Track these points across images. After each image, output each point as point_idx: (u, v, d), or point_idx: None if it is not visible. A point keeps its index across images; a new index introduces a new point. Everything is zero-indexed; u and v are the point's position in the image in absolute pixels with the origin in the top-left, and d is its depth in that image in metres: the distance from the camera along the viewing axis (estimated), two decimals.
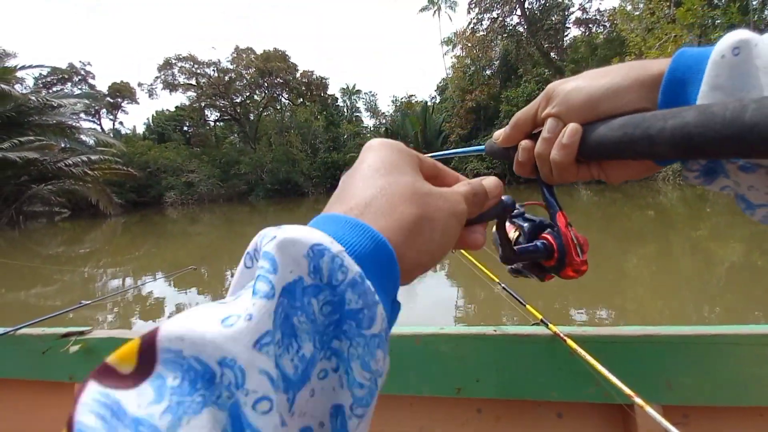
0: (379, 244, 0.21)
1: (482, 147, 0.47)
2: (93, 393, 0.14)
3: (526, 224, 0.40)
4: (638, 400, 0.59)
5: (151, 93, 31.79)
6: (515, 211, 0.41)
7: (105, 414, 0.13)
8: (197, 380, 0.15)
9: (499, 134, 0.42)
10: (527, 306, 0.98)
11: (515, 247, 0.38)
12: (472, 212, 0.29)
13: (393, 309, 0.23)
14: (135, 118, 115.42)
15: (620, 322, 3.66)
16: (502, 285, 1.30)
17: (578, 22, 22.19)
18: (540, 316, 0.80)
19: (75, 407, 0.13)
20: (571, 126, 0.33)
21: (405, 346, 0.69)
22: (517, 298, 1.17)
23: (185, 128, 36.20)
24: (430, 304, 4.24)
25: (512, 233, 0.42)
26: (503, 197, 0.35)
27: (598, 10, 22.62)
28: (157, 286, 5.84)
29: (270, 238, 0.19)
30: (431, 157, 0.32)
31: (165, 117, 36.45)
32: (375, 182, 0.25)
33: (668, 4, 15.06)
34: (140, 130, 38.60)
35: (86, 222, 19.66)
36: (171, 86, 30.80)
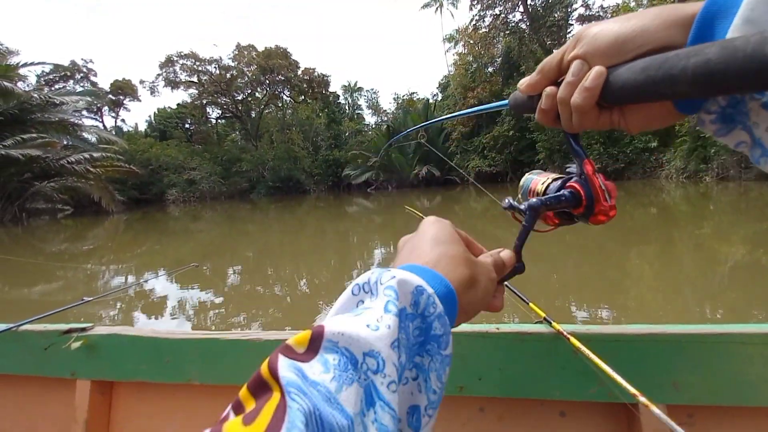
0: (451, 291, 0.29)
1: (506, 102, 0.46)
2: (283, 360, 0.21)
3: (553, 174, 0.42)
4: (643, 399, 0.58)
5: (152, 90, 31.84)
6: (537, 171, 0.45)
7: (296, 377, 0.20)
8: (348, 362, 0.22)
9: (523, 81, 0.40)
10: (530, 304, 0.98)
11: (539, 199, 0.39)
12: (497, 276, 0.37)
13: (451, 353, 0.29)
14: (137, 115, 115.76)
15: (623, 320, 3.65)
16: (505, 283, 1.30)
17: (581, 19, 22.03)
18: (543, 314, 0.79)
19: (276, 364, 0.20)
20: (596, 68, 0.32)
21: None
22: (519, 296, 1.16)
23: (187, 126, 36.24)
24: None
25: (540, 185, 0.42)
26: (515, 264, 0.41)
27: (601, 6, 22.50)
28: (159, 283, 5.86)
29: (391, 276, 0.26)
30: (455, 116, 0.41)
31: (167, 114, 36.48)
32: (439, 248, 0.33)
33: (672, 0, 14.94)
34: (142, 127, 38.69)
35: (89, 219, 19.72)
36: (173, 83, 30.81)
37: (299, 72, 32.19)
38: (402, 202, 18.25)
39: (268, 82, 32.04)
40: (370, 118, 43.20)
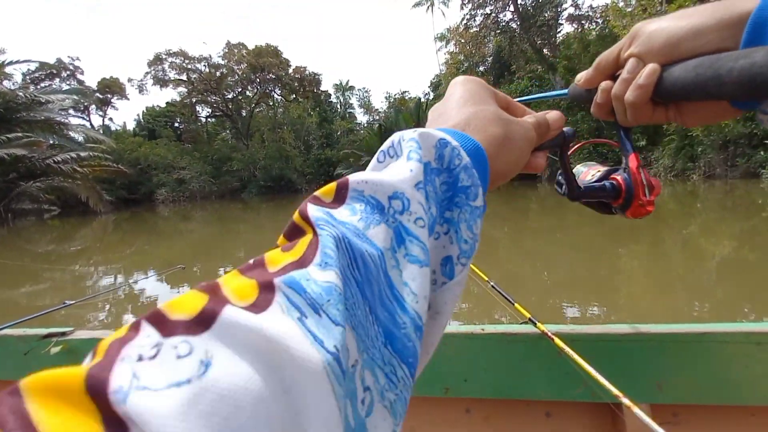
0: (479, 149, 0.28)
1: (566, 91, 0.47)
2: (312, 206, 0.22)
3: (603, 167, 0.43)
4: (625, 400, 0.58)
5: (141, 89, 31.37)
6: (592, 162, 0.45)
7: (325, 215, 0.21)
8: (374, 209, 0.23)
9: (581, 76, 0.41)
10: (516, 305, 0.98)
11: (582, 185, 0.40)
12: (537, 138, 0.35)
13: (484, 205, 0.28)
14: (125, 114, 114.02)
15: (612, 318, 3.69)
16: (492, 284, 1.30)
17: (571, 18, 22.23)
18: (528, 315, 0.79)
19: (306, 209, 0.22)
20: (650, 66, 0.33)
21: None
22: (506, 296, 1.16)
23: (176, 124, 35.81)
24: None
25: (588, 177, 0.44)
26: (564, 129, 0.39)
27: (591, 6, 22.74)
28: (149, 284, 5.78)
29: (412, 130, 0.27)
30: (517, 101, 0.38)
31: (155, 113, 36.01)
32: (468, 109, 0.32)
33: (660, 0, 15.15)
34: (130, 126, 38.13)
35: (76, 220, 19.39)
36: (161, 82, 30.41)
37: (290, 70, 32.01)
38: None
39: (258, 80, 31.80)
40: (362, 117, 43.16)
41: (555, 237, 6.78)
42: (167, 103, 35.21)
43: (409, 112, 28.80)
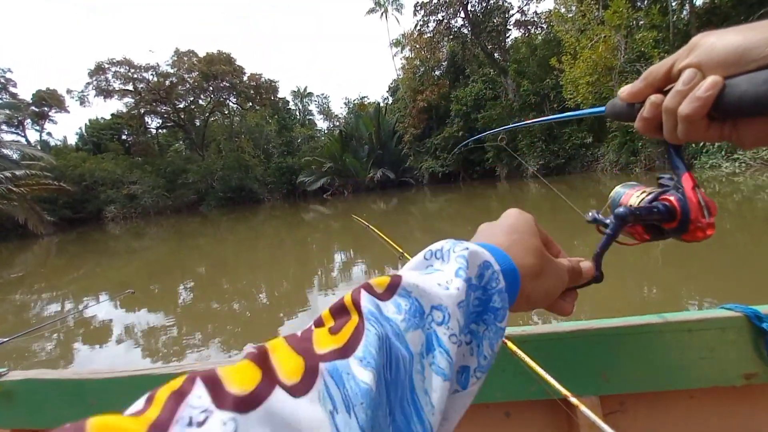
0: (515, 273, 0.31)
1: (602, 108, 0.45)
2: (365, 294, 0.25)
3: (645, 189, 0.40)
4: (572, 398, 0.63)
5: (82, 100, 29.32)
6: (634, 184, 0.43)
7: (374, 309, 0.24)
8: (416, 312, 0.25)
9: (625, 89, 0.39)
10: None
11: (633, 208, 0.38)
12: (568, 282, 0.37)
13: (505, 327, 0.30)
14: (66, 128, 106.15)
15: (577, 313, 3.87)
16: None
17: (518, 24, 23.30)
18: None
19: (359, 296, 0.24)
20: (712, 78, 0.30)
21: None
22: None
23: (124, 137, 33.80)
24: None
25: (634, 198, 0.41)
26: (594, 274, 0.40)
27: (536, 12, 23.90)
28: (102, 310, 5.40)
29: (464, 247, 0.29)
30: (551, 120, 0.44)
31: (100, 126, 33.85)
32: (513, 235, 0.34)
33: (597, 6, 16.23)
34: (72, 140, 35.57)
35: (14, 244, 17.79)
36: (105, 92, 28.64)
37: (245, 78, 31.21)
38: (359, 207, 18.23)
39: (212, 88, 30.75)
40: (322, 124, 42.84)
41: None
42: (113, 114, 33.18)
43: (369, 117, 28.94)
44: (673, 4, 14.63)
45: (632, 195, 0.41)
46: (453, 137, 23.07)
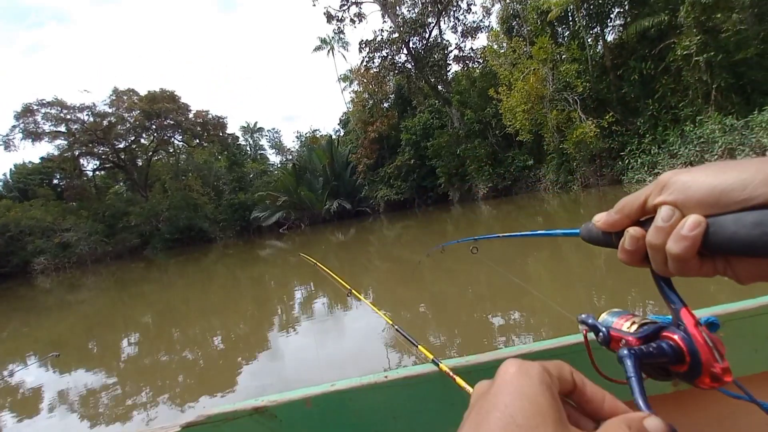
0: None
1: (577, 230, 0.44)
2: None
3: (639, 319, 0.36)
4: None
5: (7, 145, 26.92)
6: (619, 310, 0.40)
7: None
8: None
9: (600, 217, 0.39)
10: (419, 347, 1.02)
11: (642, 350, 0.33)
12: None
13: None
14: None
15: (531, 321, 4.02)
16: (396, 327, 1.36)
17: (457, 59, 24.97)
18: (431, 356, 0.81)
19: None
20: (694, 217, 0.30)
21: (296, 411, 0.63)
22: (410, 339, 1.21)
23: (56, 181, 31.24)
24: (334, 353, 4.18)
25: (628, 325, 0.37)
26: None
27: (472, 48, 25.74)
28: (28, 374, 4.79)
29: None
30: (524, 235, 0.32)
31: (27, 170, 31.14)
32: None
33: (525, 43, 17.88)
34: None
35: None
36: (34, 135, 26.57)
37: (191, 115, 30.41)
38: (316, 239, 17.97)
39: (155, 126, 29.56)
40: (274, 158, 42.43)
41: (471, 256, 7.26)
42: (42, 158, 30.66)
43: (322, 149, 29.12)
44: (589, 40, 16.46)
45: (621, 324, 0.38)
46: (405, 165, 23.76)
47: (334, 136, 33.06)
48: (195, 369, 4.35)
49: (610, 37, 16.83)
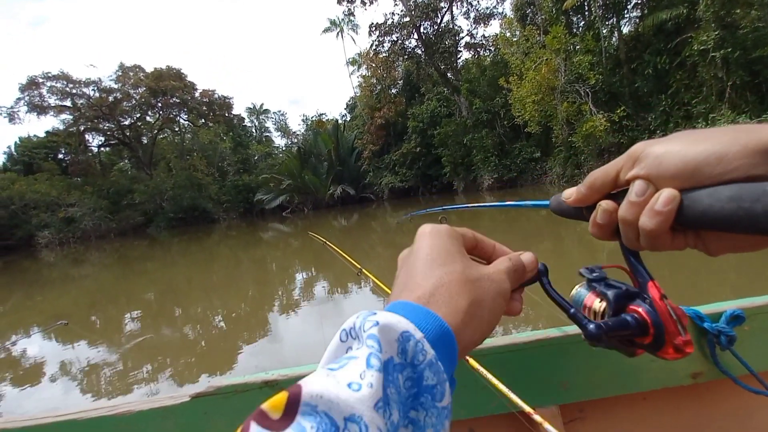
0: (445, 331, 0.27)
1: (546, 202, 0.44)
2: (256, 429, 0.19)
3: (610, 292, 0.36)
4: (532, 411, 0.63)
5: (12, 117, 26.92)
6: (595, 274, 0.39)
7: None
8: (327, 430, 0.19)
9: (570, 193, 0.39)
10: None
11: (604, 324, 0.34)
12: (512, 285, 0.34)
13: (451, 384, 0.26)
14: None
15: (538, 321, 4.02)
16: None
17: (468, 46, 24.57)
18: None
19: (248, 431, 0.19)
20: (667, 191, 0.30)
21: None
22: None
23: (60, 156, 31.29)
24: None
25: (596, 304, 0.37)
26: (539, 265, 0.38)
27: (484, 35, 25.30)
28: (31, 344, 4.87)
29: (373, 323, 0.24)
30: (492, 206, 0.35)
31: (33, 144, 31.16)
32: (433, 272, 0.31)
33: (538, 31, 17.50)
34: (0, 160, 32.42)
35: None
36: (39, 108, 26.50)
37: (197, 94, 30.20)
38: (319, 224, 17.99)
39: (160, 104, 29.41)
40: (279, 141, 42.22)
41: None
42: (47, 132, 30.66)
43: (327, 134, 28.94)
44: (604, 31, 16.09)
45: (595, 300, 0.38)
46: (411, 153, 23.59)
47: (340, 121, 32.82)
48: (195, 347, 4.40)
49: (625, 29, 16.45)
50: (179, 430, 0.62)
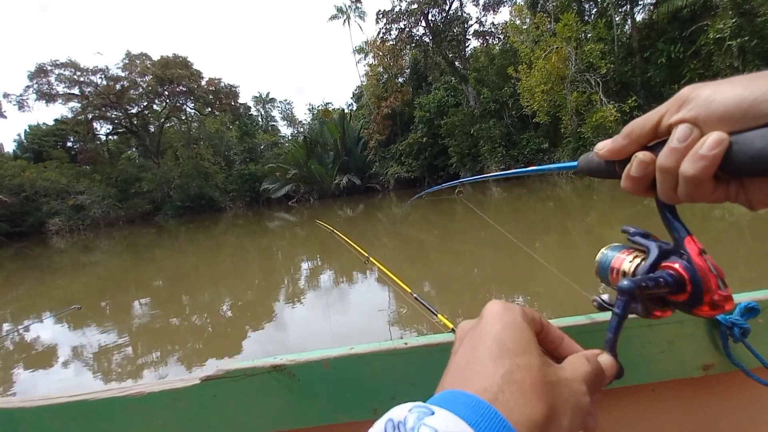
0: None
1: (574, 163, 0.41)
2: None
3: (650, 245, 0.34)
4: None
5: (21, 105, 27.11)
6: (633, 229, 0.37)
7: None
8: None
9: (604, 145, 0.35)
10: (438, 315, 1.01)
11: (639, 280, 0.32)
12: (590, 397, 0.28)
13: None
14: (1, 134, 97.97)
15: (534, 306, 4.02)
16: (415, 295, 1.35)
17: (476, 34, 24.15)
18: (451, 326, 0.81)
19: None
20: (716, 134, 0.27)
21: (314, 372, 0.64)
22: (429, 308, 1.20)
23: (69, 144, 31.56)
24: (347, 322, 4.23)
25: (626, 264, 0.36)
26: (616, 371, 0.33)
27: (493, 23, 24.88)
28: (43, 329, 4.98)
29: (431, 429, 0.20)
30: (513, 173, 0.33)
31: (42, 132, 31.43)
32: (504, 362, 0.26)
33: (549, 19, 17.15)
34: (10, 148, 32.79)
35: None
36: (48, 96, 26.65)
37: (203, 83, 30.14)
38: (325, 213, 18.05)
39: (167, 93, 29.42)
40: (285, 130, 42.17)
41: (479, 236, 7.23)
42: (56, 120, 30.88)
43: (333, 123, 28.82)
44: (617, 18, 15.72)
45: (624, 260, 0.36)
46: (417, 143, 23.43)
47: (346, 110, 32.66)
48: (203, 334, 4.47)
49: (639, 17, 16.07)
50: (189, 412, 0.63)
